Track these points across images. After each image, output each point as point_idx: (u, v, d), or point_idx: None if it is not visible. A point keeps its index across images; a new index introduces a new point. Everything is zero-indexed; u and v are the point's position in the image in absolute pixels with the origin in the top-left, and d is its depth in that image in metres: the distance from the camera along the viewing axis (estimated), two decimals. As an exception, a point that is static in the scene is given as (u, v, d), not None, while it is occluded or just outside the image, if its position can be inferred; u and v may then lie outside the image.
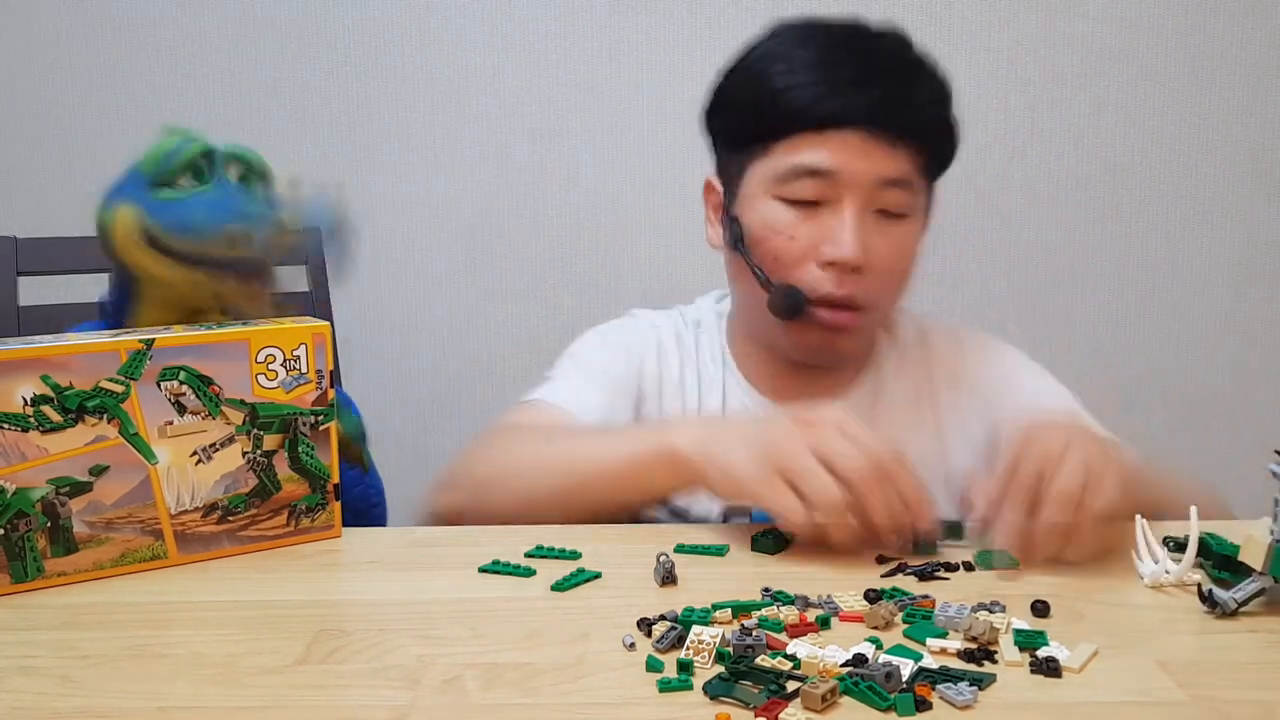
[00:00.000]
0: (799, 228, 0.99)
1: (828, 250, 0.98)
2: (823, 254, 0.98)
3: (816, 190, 0.98)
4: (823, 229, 0.99)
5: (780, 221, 1.00)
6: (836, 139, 0.97)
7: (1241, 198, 1.99)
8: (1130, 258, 2.00)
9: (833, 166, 0.97)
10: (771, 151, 1.00)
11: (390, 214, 2.00)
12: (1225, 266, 2.00)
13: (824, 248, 0.98)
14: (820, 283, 0.99)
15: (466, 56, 1.96)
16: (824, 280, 0.99)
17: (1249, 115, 1.96)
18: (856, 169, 0.97)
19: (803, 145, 0.98)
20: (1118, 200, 1.99)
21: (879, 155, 0.98)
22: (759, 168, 1.02)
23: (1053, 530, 0.76)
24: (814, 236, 0.99)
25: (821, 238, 0.99)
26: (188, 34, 1.95)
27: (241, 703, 0.59)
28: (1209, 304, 2.01)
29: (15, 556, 0.75)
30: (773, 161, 1.00)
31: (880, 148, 0.97)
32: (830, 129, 0.97)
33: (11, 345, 0.74)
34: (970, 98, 2.04)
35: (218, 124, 1.96)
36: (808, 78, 0.98)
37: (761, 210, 1.01)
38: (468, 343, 2.03)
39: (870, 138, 0.97)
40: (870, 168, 0.97)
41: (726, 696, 0.58)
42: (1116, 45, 1.95)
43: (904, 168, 0.99)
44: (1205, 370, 2.02)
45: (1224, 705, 0.57)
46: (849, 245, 0.97)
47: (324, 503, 0.86)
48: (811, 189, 0.98)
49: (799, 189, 0.99)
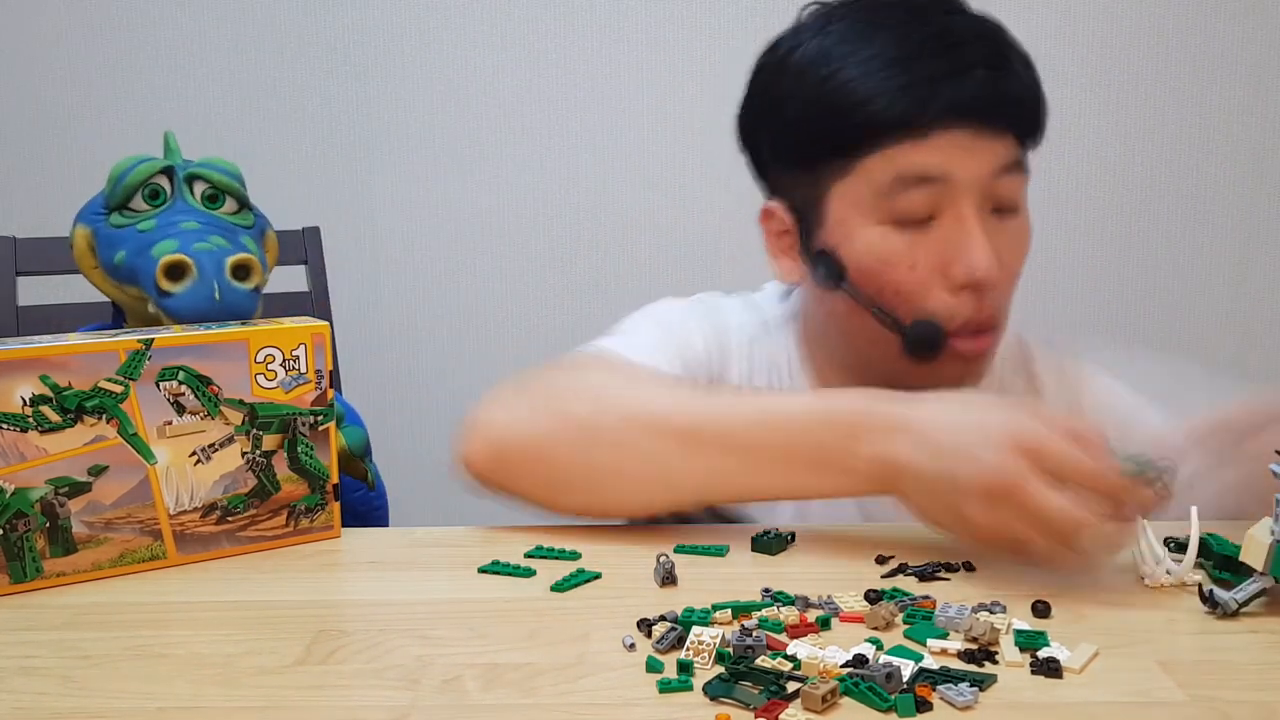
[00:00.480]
0: (917, 252, 0.87)
1: (960, 271, 0.86)
2: (954, 276, 0.86)
3: (928, 202, 0.86)
4: (945, 247, 0.86)
5: (895, 250, 0.87)
6: (941, 139, 0.85)
7: (1241, 198, 1.99)
8: (1130, 258, 2.00)
9: (944, 171, 0.85)
10: (860, 167, 0.87)
11: (390, 214, 2.00)
12: (1225, 266, 2.01)
13: (954, 269, 0.86)
14: (957, 309, 0.87)
15: (466, 56, 1.96)
16: (960, 305, 0.87)
17: (1249, 115, 1.96)
18: (970, 167, 0.85)
19: (902, 154, 0.85)
20: (1118, 200, 1.99)
21: (987, 147, 0.86)
22: (846, 188, 0.88)
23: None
24: (937, 258, 0.86)
25: (947, 257, 0.86)
26: (187, 34, 1.95)
27: (241, 703, 0.59)
28: (1209, 304, 2.01)
29: (14, 557, 0.74)
30: (865, 177, 0.87)
31: (987, 138, 0.86)
32: (933, 131, 0.85)
33: (10, 345, 0.74)
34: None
35: (217, 124, 1.97)
36: (893, 78, 0.84)
37: (866, 239, 0.88)
38: (468, 343, 2.03)
39: (978, 130, 0.85)
40: (982, 162, 0.86)
41: (726, 697, 0.58)
42: (1116, 45, 1.95)
43: (1013, 151, 0.88)
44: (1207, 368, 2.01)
45: (1224, 706, 0.57)
46: (984, 260, 0.85)
47: (323, 503, 0.85)
48: (923, 202, 0.86)
49: (908, 204, 0.86)
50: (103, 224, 0.91)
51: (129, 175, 0.90)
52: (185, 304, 0.85)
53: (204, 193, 0.91)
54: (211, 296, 0.85)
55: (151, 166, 0.90)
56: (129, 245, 0.88)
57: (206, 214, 0.91)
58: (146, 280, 0.86)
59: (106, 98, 1.96)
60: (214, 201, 0.92)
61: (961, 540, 0.75)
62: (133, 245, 0.88)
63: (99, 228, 0.91)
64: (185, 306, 0.85)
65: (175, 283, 0.85)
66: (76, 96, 1.96)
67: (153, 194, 0.90)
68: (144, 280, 0.86)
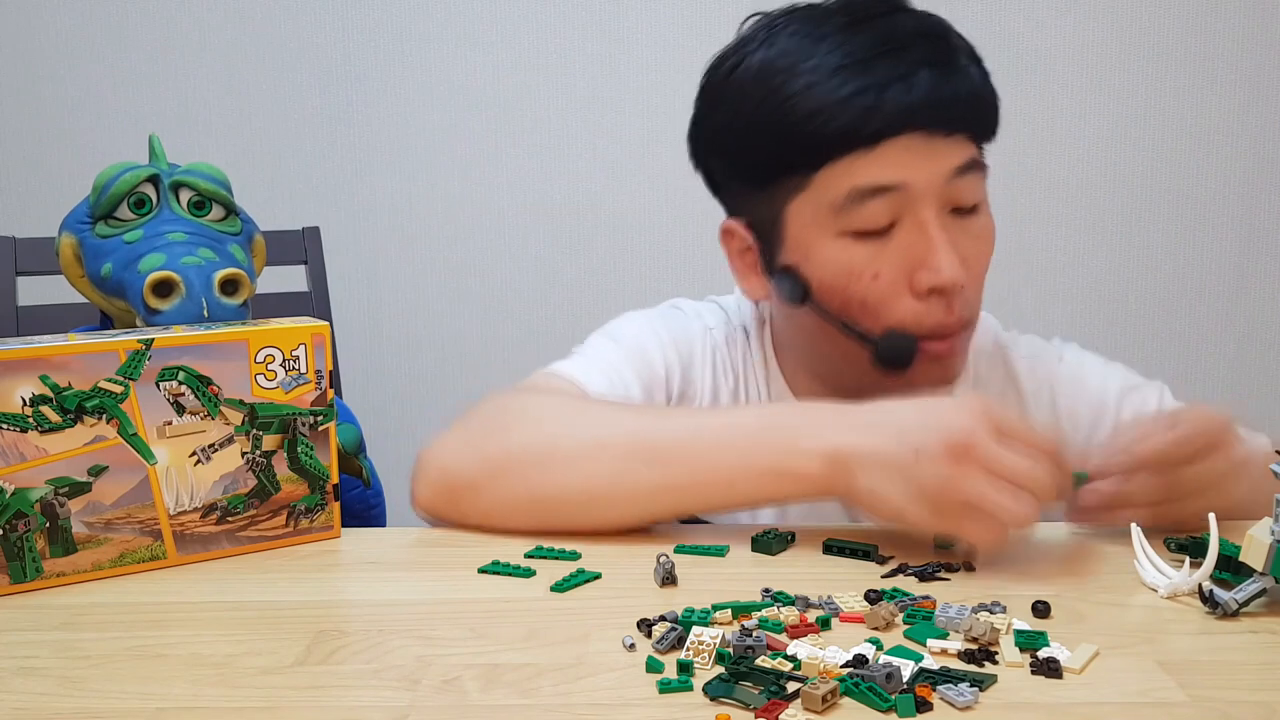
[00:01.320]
0: (879, 261, 0.86)
1: (924, 278, 0.85)
2: (919, 282, 0.85)
3: (886, 212, 0.85)
4: (908, 255, 0.86)
5: (857, 261, 0.86)
6: (892, 147, 0.84)
7: (1241, 198, 1.99)
8: (1130, 258, 2.00)
9: (899, 179, 0.84)
10: (814, 182, 0.86)
11: (390, 214, 2.00)
12: (1225, 266, 2.01)
13: (919, 275, 0.85)
14: (925, 315, 0.86)
15: (467, 56, 1.96)
16: (929, 311, 0.86)
17: (1249, 115, 1.96)
18: (925, 172, 0.84)
19: (854, 166, 0.84)
20: (1118, 200, 1.99)
21: (940, 150, 0.85)
22: (803, 204, 0.87)
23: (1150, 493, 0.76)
24: (900, 266, 0.86)
25: (910, 265, 0.86)
26: (187, 34, 1.95)
27: (240, 703, 0.59)
28: (1209, 304, 2.01)
29: (14, 557, 0.74)
30: (820, 192, 0.86)
31: (939, 141, 0.85)
32: (881, 142, 0.83)
33: (10, 345, 0.74)
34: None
35: (217, 124, 1.97)
36: (843, 89, 0.83)
37: (827, 254, 0.87)
38: (467, 342, 2.03)
39: (929, 135, 0.84)
40: (937, 166, 0.85)
41: (726, 697, 0.58)
42: (1117, 45, 1.95)
43: (968, 150, 0.87)
44: (1205, 370, 2.02)
45: (1224, 705, 0.57)
46: (949, 265, 0.84)
47: (323, 503, 0.85)
48: (881, 212, 0.85)
49: (866, 217, 0.85)
50: (88, 234, 0.89)
51: (114, 184, 0.88)
52: (173, 322, 0.84)
53: (190, 200, 0.90)
54: (200, 314, 0.85)
55: (137, 175, 0.89)
56: (115, 258, 0.87)
57: (193, 223, 0.89)
58: (134, 296, 0.85)
59: (106, 98, 1.96)
60: (200, 209, 0.90)
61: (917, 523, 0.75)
62: (119, 258, 0.87)
63: (85, 237, 0.90)
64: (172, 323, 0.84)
65: (163, 300, 0.84)
66: (76, 96, 1.96)
67: (138, 203, 0.89)
68: (131, 296, 0.85)
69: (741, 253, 0.95)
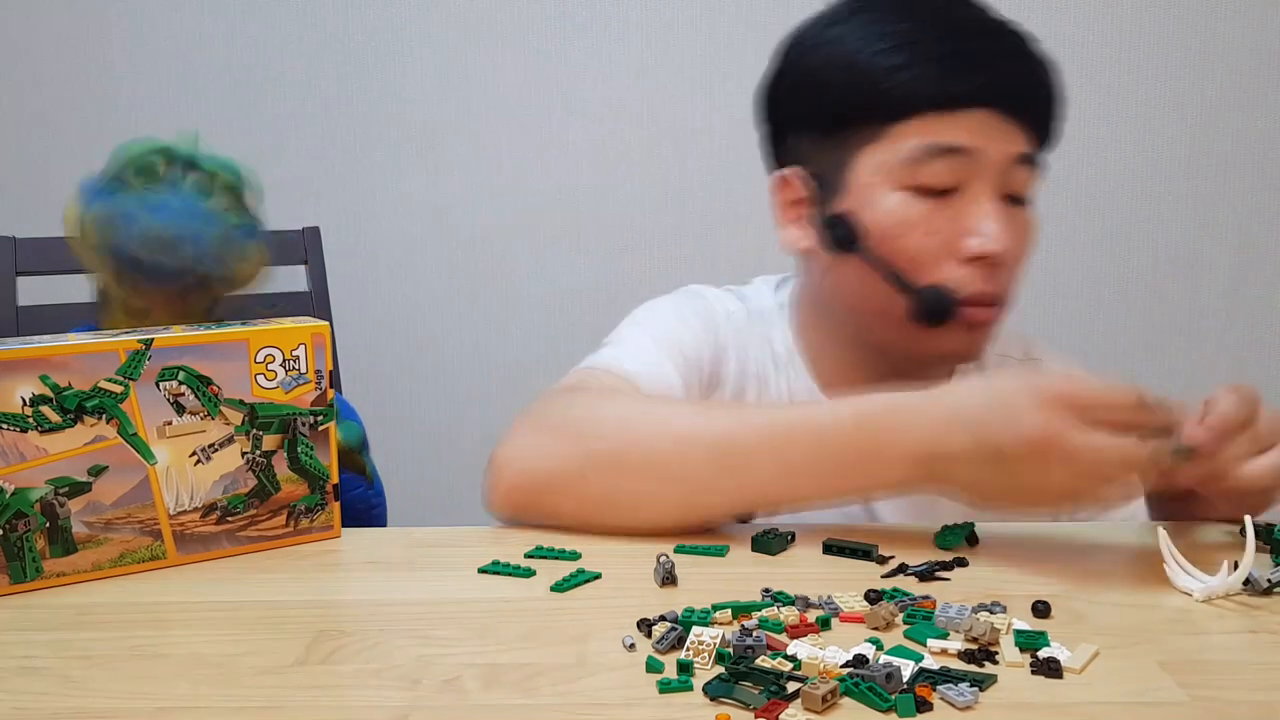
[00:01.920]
0: (935, 219, 0.90)
1: (973, 244, 0.89)
2: (966, 248, 0.89)
3: (953, 173, 0.89)
4: (960, 219, 0.90)
5: (914, 215, 0.90)
6: (970, 118, 0.89)
7: (1241, 198, 1.99)
8: (1130, 258, 2.00)
9: (971, 145, 0.89)
10: (889, 134, 0.90)
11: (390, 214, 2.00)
12: (1225, 266, 2.01)
13: (967, 240, 0.89)
14: (966, 280, 0.90)
15: (467, 56, 1.96)
16: (969, 277, 0.90)
17: (1249, 115, 1.96)
18: (993, 148, 0.89)
19: (930, 125, 0.89)
20: (1119, 200, 1.99)
21: (1011, 133, 0.90)
22: (873, 154, 0.91)
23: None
24: (953, 227, 0.90)
25: (961, 230, 0.90)
26: (188, 34, 1.95)
27: (241, 703, 0.59)
28: (1209, 304, 2.01)
29: (14, 557, 0.74)
30: (893, 145, 0.90)
31: (1011, 125, 0.90)
32: (963, 109, 0.89)
33: (11, 345, 0.74)
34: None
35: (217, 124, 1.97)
36: (938, 51, 0.89)
37: (887, 203, 0.91)
38: (468, 343, 2.03)
39: (1004, 116, 0.90)
40: (1006, 147, 0.90)
41: (727, 697, 0.58)
42: (1116, 45, 1.95)
43: (1033, 144, 0.92)
44: (1205, 370, 2.02)
45: (1224, 705, 0.57)
46: (997, 235, 0.89)
47: (323, 503, 0.86)
48: (947, 172, 0.89)
49: (933, 173, 0.89)
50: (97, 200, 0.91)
51: (130, 150, 0.90)
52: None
53: (195, 182, 0.91)
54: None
55: (152, 146, 0.91)
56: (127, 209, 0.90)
57: (191, 205, 0.90)
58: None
59: (107, 98, 1.96)
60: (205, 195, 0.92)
61: (1018, 509, 0.76)
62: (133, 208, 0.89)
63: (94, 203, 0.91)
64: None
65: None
66: (77, 96, 1.96)
67: (146, 171, 0.90)
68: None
69: (792, 203, 0.98)
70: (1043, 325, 1.98)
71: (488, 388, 2.02)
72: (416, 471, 2.01)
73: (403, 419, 2.03)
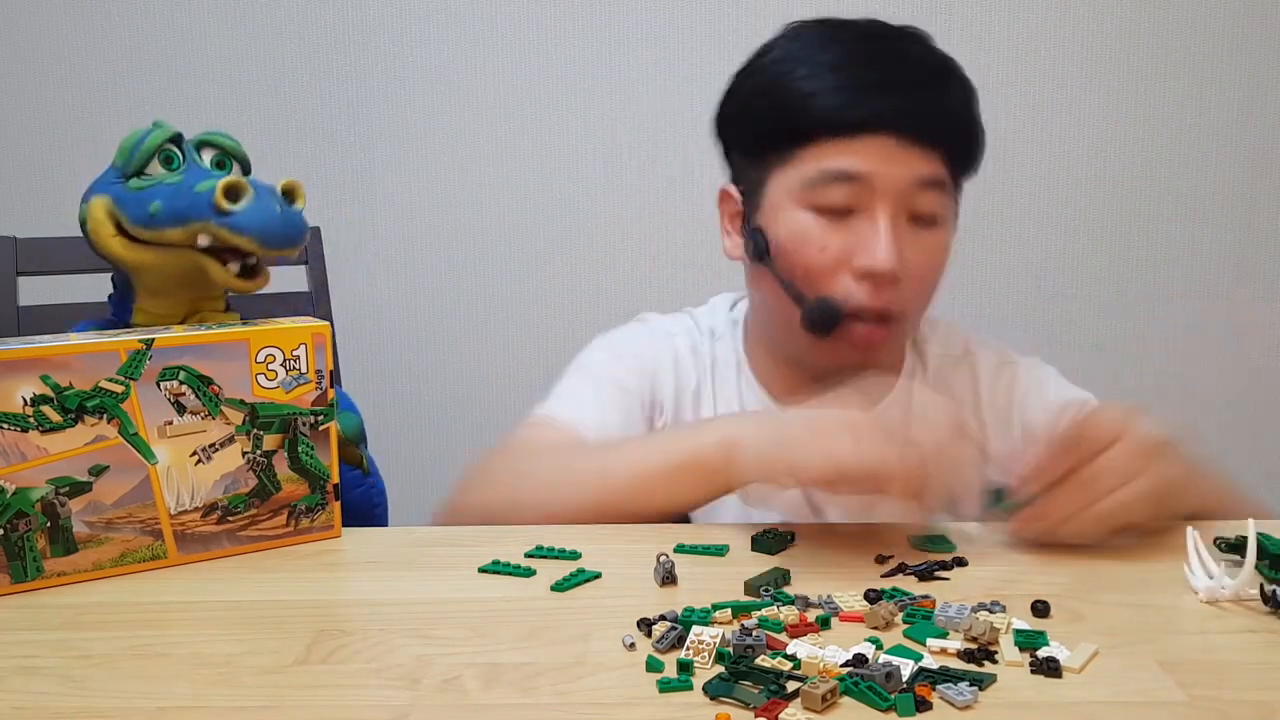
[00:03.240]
0: (830, 237, 0.96)
1: (862, 260, 0.95)
2: (857, 264, 0.95)
3: (848, 197, 0.95)
4: (855, 238, 0.95)
5: (810, 231, 0.96)
6: (868, 143, 0.94)
7: (1241, 198, 1.99)
8: (1130, 258, 2.00)
9: (865, 170, 0.94)
10: (796, 158, 0.97)
11: (390, 214, 2.00)
12: (1225, 267, 2.01)
13: (858, 258, 0.95)
14: (855, 294, 0.95)
15: (467, 56, 1.96)
16: (858, 292, 0.95)
17: (1249, 115, 1.96)
18: (890, 173, 0.94)
19: (832, 150, 0.95)
20: (1118, 200, 1.99)
21: (911, 159, 0.95)
22: (783, 176, 0.98)
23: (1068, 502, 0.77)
24: (846, 246, 0.95)
25: (854, 247, 0.95)
26: (188, 34, 1.95)
27: (241, 703, 0.59)
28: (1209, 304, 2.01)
29: (15, 556, 0.75)
30: (799, 168, 0.97)
31: (912, 151, 0.95)
32: (861, 134, 0.94)
33: (11, 345, 0.74)
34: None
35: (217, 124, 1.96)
36: (834, 81, 0.95)
37: (789, 220, 0.98)
38: (468, 343, 2.03)
39: (902, 142, 0.94)
40: (904, 171, 0.95)
41: (726, 697, 0.58)
42: (1116, 45, 1.95)
43: (938, 169, 0.96)
44: (1205, 370, 2.02)
45: (1224, 705, 0.57)
46: (885, 254, 0.94)
47: (324, 503, 0.86)
48: (843, 195, 0.95)
49: (829, 196, 0.95)
50: (122, 189, 0.89)
51: (145, 141, 0.89)
52: (251, 219, 0.84)
53: (213, 158, 0.92)
54: (274, 210, 0.86)
55: (164, 133, 0.91)
56: (163, 194, 0.87)
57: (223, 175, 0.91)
58: (200, 209, 0.85)
59: (106, 98, 1.96)
60: (222, 168, 0.92)
61: (814, 477, 0.79)
62: (169, 192, 0.87)
63: (119, 193, 0.89)
64: (251, 221, 0.84)
65: (234, 202, 0.85)
66: (77, 96, 1.96)
67: (167, 159, 0.90)
68: (197, 211, 0.85)
69: (733, 215, 1.07)
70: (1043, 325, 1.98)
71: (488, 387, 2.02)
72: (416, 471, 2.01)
73: (403, 418, 2.03)
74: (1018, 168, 1.96)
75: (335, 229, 1.55)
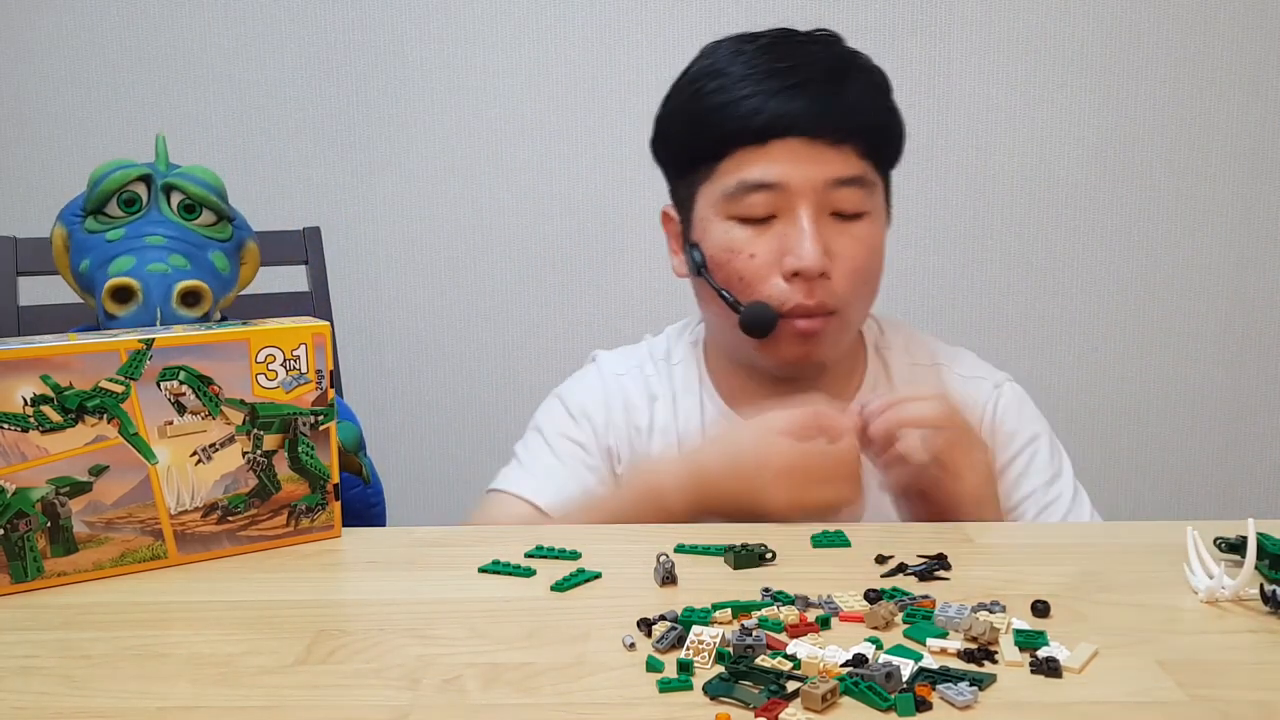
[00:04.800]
0: (757, 244, 0.99)
1: (789, 262, 0.97)
2: (785, 266, 0.98)
3: (767, 204, 0.98)
4: (781, 241, 0.98)
5: (737, 241, 0.99)
6: (778, 149, 0.97)
7: (1241, 198, 1.99)
8: (1130, 258, 2.00)
9: (778, 178, 0.97)
10: (717, 172, 1.00)
11: (390, 214, 2.00)
12: (1225, 267, 2.01)
13: (786, 260, 0.98)
14: (788, 295, 0.98)
15: (467, 56, 1.96)
16: (792, 292, 0.98)
17: (1249, 115, 1.96)
18: (803, 176, 0.97)
19: (745, 161, 0.98)
20: (1118, 200, 1.99)
21: (824, 158, 0.97)
22: (707, 190, 1.01)
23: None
24: (774, 250, 0.98)
25: (781, 250, 0.98)
26: (187, 34, 1.95)
27: (241, 703, 0.59)
28: (1209, 304, 2.01)
29: (15, 556, 0.75)
30: (719, 181, 1.00)
31: (824, 150, 0.97)
32: (772, 140, 0.97)
33: (11, 345, 0.74)
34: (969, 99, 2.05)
35: (217, 124, 1.97)
36: (740, 92, 0.97)
37: (717, 233, 1.01)
38: (468, 343, 2.03)
39: (812, 142, 0.97)
40: (817, 172, 0.97)
41: (726, 697, 0.58)
42: (1116, 45, 1.95)
43: (853, 166, 0.98)
44: (1205, 370, 2.02)
45: (1224, 705, 0.57)
46: (809, 254, 0.96)
47: (324, 503, 0.86)
48: (763, 202, 0.98)
49: (749, 205, 0.98)
50: (78, 228, 0.91)
51: (105, 181, 0.90)
52: (127, 327, 0.85)
53: (180, 203, 0.91)
54: (152, 323, 0.86)
55: (128, 174, 0.90)
56: (94, 255, 0.89)
57: (179, 227, 0.90)
58: (98, 297, 0.87)
59: (106, 98, 1.96)
60: (191, 212, 0.91)
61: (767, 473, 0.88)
62: (97, 255, 0.89)
63: (74, 230, 0.91)
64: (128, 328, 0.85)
65: (121, 305, 0.85)
66: (76, 97, 1.96)
67: (128, 201, 0.90)
68: (97, 296, 0.87)
69: (675, 235, 1.09)
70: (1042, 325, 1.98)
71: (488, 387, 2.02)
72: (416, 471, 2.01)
73: (403, 419, 2.03)
74: (1018, 167, 1.96)
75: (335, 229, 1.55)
